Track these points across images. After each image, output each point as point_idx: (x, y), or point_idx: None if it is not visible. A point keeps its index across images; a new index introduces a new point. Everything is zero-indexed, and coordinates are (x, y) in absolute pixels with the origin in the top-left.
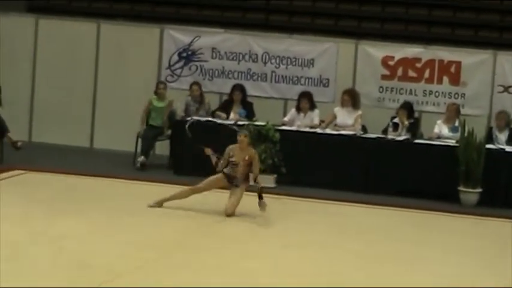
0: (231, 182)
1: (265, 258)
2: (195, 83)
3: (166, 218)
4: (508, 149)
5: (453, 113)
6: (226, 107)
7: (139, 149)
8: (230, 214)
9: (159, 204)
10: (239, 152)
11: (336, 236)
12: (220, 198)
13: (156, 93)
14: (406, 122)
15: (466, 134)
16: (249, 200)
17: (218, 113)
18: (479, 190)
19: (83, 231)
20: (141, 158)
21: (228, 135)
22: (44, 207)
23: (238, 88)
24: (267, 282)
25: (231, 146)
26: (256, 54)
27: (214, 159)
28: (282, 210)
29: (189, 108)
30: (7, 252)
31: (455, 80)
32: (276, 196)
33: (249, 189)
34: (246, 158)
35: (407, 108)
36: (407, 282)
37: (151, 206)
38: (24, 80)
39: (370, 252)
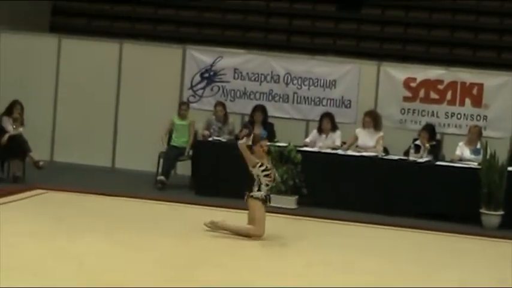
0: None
1: (286, 276)
2: (220, 103)
3: (188, 238)
4: None
5: (475, 136)
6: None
7: (160, 169)
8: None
9: (214, 227)
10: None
11: (354, 256)
12: (242, 219)
13: (178, 114)
14: (428, 145)
15: (488, 157)
16: (269, 221)
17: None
18: (501, 212)
19: (103, 249)
20: (161, 177)
21: None
22: (65, 226)
23: (260, 109)
24: None
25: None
26: (278, 75)
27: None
28: (303, 231)
29: (212, 127)
30: (29, 269)
31: (477, 102)
32: (297, 217)
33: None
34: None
35: (429, 130)
36: None
37: (206, 226)
38: (46, 100)
39: (387, 271)
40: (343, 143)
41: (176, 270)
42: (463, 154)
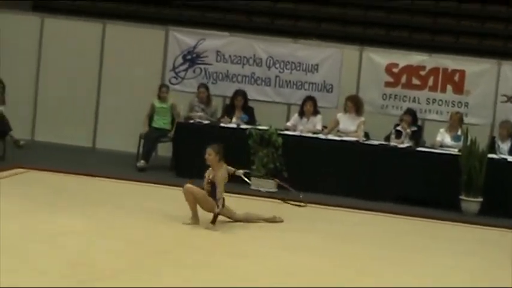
0: None
1: (263, 259)
2: (203, 85)
3: (166, 219)
4: (510, 158)
5: (456, 122)
6: (228, 112)
7: (141, 150)
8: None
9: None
10: (210, 170)
11: (333, 240)
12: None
13: (159, 96)
14: (409, 130)
15: (468, 143)
16: (249, 204)
17: (222, 119)
18: (481, 199)
19: (81, 230)
20: (141, 163)
21: (230, 138)
22: (44, 206)
23: (240, 94)
24: (258, 281)
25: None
26: (261, 59)
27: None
28: (282, 215)
29: (194, 109)
30: (4, 248)
31: (459, 88)
32: (277, 200)
33: (249, 192)
34: (210, 176)
35: (412, 114)
36: (400, 282)
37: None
38: (28, 79)
39: (366, 255)
40: (324, 127)
41: (150, 252)
42: (443, 140)
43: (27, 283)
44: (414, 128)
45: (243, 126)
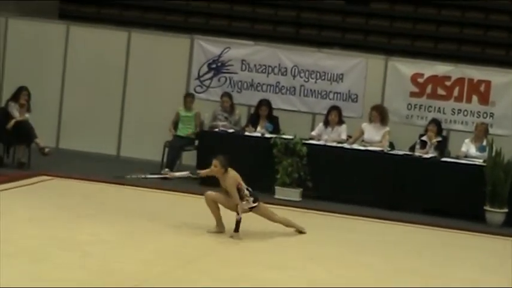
0: None
1: (288, 270)
2: (226, 94)
3: (193, 229)
4: None
5: (482, 133)
6: (252, 121)
7: (166, 159)
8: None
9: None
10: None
11: (357, 250)
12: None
13: (184, 105)
14: (434, 140)
15: (493, 154)
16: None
17: (247, 128)
18: (506, 210)
19: (107, 238)
20: (165, 171)
21: (255, 147)
22: (70, 213)
23: (264, 103)
24: None
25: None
26: (286, 68)
27: None
28: (307, 224)
29: (217, 118)
30: (31, 255)
31: (484, 99)
32: (301, 210)
33: (269, 201)
34: (223, 186)
35: (437, 124)
36: None
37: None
38: (53, 87)
39: (391, 268)
40: (349, 136)
41: (179, 261)
42: (468, 151)
43: None
44: (439, 139)
45: (268, 135)
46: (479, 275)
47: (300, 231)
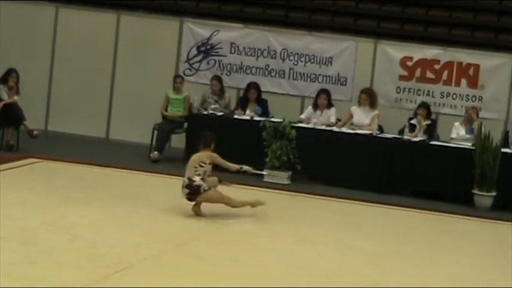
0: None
1: (278, 253)
2: (216, 77)
3: (180, 212)
4: None
5: (471, 116)
6: (242, 104)
7: (155, 142)
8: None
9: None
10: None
11: (347, 234)
12: (235, 194)
13: (173, 87)
14: (424, 123)
15: (482, 137)
16: (262, 196)
17: (236, 112)
18: (494, 194)
19: (96, 221)
20: (154, 154)
21: (244, 130)
22: (58, 196)
23: (253, 86)
24: (279, 276)
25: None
26: (275, 51)
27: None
28: (296, 207)
29: (207, 100)
30: (21, 238)
31: (473, 82)
32: (290, 193)
33: (258, 184)
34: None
35: (426, 107)
36: (416, 282)
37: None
38: (42, 69)
39: (381, 251)
40: (338, 120)
41: (168, 244)
42: (458, 134)
43: (47, 275)
44: (428, 122)
45: (257, 118)
46: (467, 258)
47: (255, 205)
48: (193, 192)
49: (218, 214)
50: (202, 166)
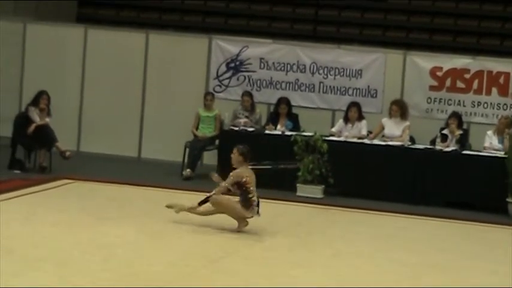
0: None
1: (314, 267)
2: (247, 93)
3: (216, 228)
4: None
5: (504, 125)
6: (272, 119)
7: (187, 159)
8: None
9: (177, 209)
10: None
11: (382, 246)
12: (269, 209)
13: (204, 105)
14: (457, 133)
15: None
16: (296, 211)
17: (267, 127)
18: None
19: (131, 240)
20: (187, 172)
21: (276, 145)
22: (92, 216)
23: (284, 101)
24: None
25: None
26: (304, 65)
27: None
28: (329, 221)
29: (238, 117)
30: (56, 259)
31: (504, 90)
32: (324, 207)
33: (291, 199)
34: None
35: (458, 117)
36: None
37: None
38: (73, 90)
39: (417, 262)
40: (369, 132)
41: (203, 261)
42: (491, 144)
43: None
44: (461, 132)
45: (288, 133)
46: (504, 266)
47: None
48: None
49: (251, 230)
50: None
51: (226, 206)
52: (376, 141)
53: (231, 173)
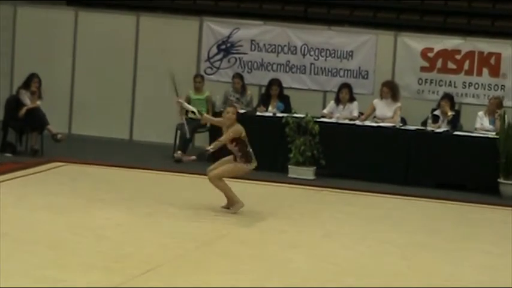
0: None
1: (306, 248)
2: (238, 75)
3: (208, 211)
4: None
5: (494, 106)
6: (264, 101)
7: (178, 141)
8: (209, 177)
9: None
10: (225, 129)
11: (374, 227)
12: (260, 191)
13: (194, 87)
14: (450, 113)
15: (506, 126)
16: (287, 192)
17: (258, 108)
18: None
19: (122, 222)
20: (178, 154)
21: (267, 127)
22: (83, 198)
23: (275, 83)
24: (307, 272)
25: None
26: (295, 47)
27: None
28: (321, 202)
29: (229, 98)
30: (48, 241)
31: (495, 71)
32: (315, 188)
33: (283, 180)
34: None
35: (450, 98)
36: (446, 271)
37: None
38: (64, 73)
39: (409, 243)
40: (361, 113)
41: (195, 243)
42: (482, 124)
43: (76, 278)
44: (453, 113)
45: (279, 114)
46: (496, 247)
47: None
48: None
49: (243, 213)
50: None
51: (231, 171)
52: (367, 123)
53: (229, 130)
